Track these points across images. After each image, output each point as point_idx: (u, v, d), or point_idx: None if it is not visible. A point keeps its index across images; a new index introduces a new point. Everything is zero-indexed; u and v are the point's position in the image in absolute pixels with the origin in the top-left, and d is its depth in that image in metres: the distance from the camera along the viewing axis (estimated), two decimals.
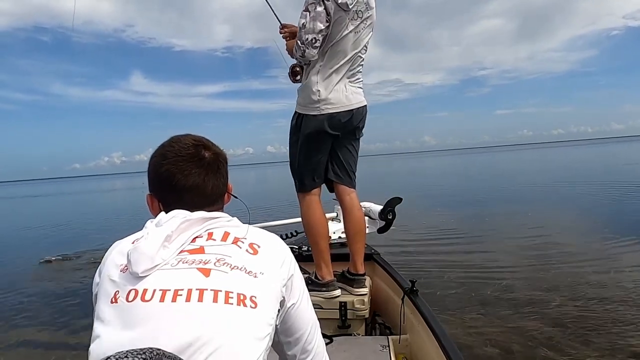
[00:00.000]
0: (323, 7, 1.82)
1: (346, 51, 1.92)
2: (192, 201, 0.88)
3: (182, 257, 0.78)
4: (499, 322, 3.55)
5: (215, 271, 0.76)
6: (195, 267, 0.76)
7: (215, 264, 0.77)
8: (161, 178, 0.89)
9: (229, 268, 0.77)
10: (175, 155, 0.88)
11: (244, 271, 0.78)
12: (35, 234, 11.53)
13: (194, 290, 0.72)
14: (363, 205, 3.33)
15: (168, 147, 0.91)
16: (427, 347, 1.76)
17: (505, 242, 6.53)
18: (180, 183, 0.87)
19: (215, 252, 0.79)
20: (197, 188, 0.88)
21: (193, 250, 0.79)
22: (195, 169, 0.88)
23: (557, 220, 8.15)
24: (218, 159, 0.93)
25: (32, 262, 7.22)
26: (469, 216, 9.30)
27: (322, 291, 1.99)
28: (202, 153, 0.90)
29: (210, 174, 0.90)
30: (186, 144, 0.90)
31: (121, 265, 0.78)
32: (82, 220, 14.39)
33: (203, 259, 0.78)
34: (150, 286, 0.73)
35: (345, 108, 1.97)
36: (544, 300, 3.96)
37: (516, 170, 27.07)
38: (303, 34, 1.85)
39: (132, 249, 0.76)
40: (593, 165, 25.06)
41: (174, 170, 0.87)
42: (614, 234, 6.35)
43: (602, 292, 4.01)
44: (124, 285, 0.75)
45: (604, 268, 4.83)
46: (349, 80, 1.99)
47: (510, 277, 4.70)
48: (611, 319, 3.42)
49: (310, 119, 1.96)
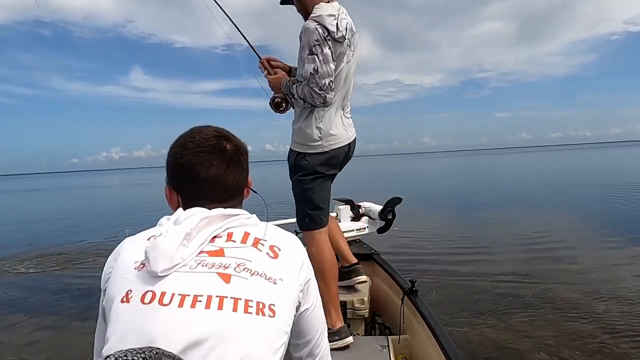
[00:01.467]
0: (328, 48, 1.75)
1: (340, 84, 1.86)
2: (213, 194, 0.85)
3: (201, 259, 0.75)
4: (499, 322, 3.57)
5: (235, 277, 0.73)
6: (215, 271, 0.73)
7: (235, 269, 0.74)
8: (181, 169, 0.85)
9: (249, 274, 0.75)
10: (197, 146, 0.85)
11: (264, 277, 0.76)
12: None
13: (213, 297, 0.70)
14: (363, 205, 3.35)
15: (188, 137, 0.87)
16: (426, 347, 1.77)
17: (504, 243, 6.54)
18: (202, 175, 0.84)
19: (236, 256, 0.77)
20: (219, 180, 0.85)
21: (213, 252, 0.76)
22: (216, 160, 0.85)
23: (556, 222, 8.16)
24: (239, 151, 0.89)
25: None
26: (469, 217, 9.34)
27: (335, 340, 1.86)
28: (223, 144, 0.87)
29: (231, 166, 0.87)
30: (207, 134, 0.87)
31: (136, 262, 0.75)
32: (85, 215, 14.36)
33: (223, 262, 0.75)
34: (168, 289, 0.70)
35: (345, 142, 1.94)
36: (544, 300, 3.98)
37: (515, 173, 27.09)
38: (319, 80, 1.75)
39: (151, 247, 0.73)
40: (598, 170, 25.08)
41: (195, 161, 0.84)
42: (611, 235, 6.38)
43: (604, 292, 4.04)
44: (140, 285, 0.72)
45: (602, 268, 4.86)
46: (343, 113, 1.95)
47: (510, 278, 4.72)
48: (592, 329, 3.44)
49: (315, 157, 1.89)
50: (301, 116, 1.90)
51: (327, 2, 1.81)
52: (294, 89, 1.85)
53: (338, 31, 1.74)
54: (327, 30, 1.73)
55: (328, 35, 1.73)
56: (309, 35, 1.74)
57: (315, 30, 1.73)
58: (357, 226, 3.21)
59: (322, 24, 1.73)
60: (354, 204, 3.35)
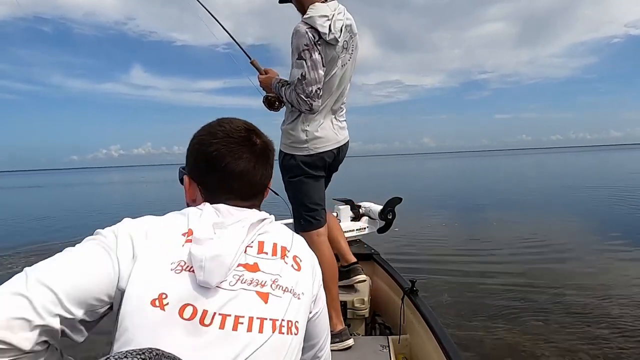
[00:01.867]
0: (318, 53, 1.69)
1: (332, 88, 1.82)
2: (240, 189, 0.82)
3: (239, 273, 0.71)
4: (499, 322, 3.57)
5: (272, 297, 0.72)
6: (254, 289, 0.71)
7: (271, 287, 0.73)
8: (209, 158, 0.80)
9: (282, 291, 0.74)
10: (227, 136, 0.81)
11: (292, 293, 0.75)
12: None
13: (254, 319, 0.68)
14: (363, 205, 3.35)
15: (217, 126, 0.83)
16: (426, 347, 1.77)
17: (506, 245, 6.54)
18: (230, 166, 0.80)
19: (270, 272, 0.75)
20: (247, 175, 0.81)
21: (250, 267, 0.73)
22: (246, 153, 0.81)
23: (558, 225, 8.17)
24: (268, 148, 0.86)
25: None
26: (469, 218, 9.34)
27: (336, 342, 1.86)
28: (253, 138, 0.83)
29: (260, 162, 0.83)
30: (238, 126, 0.83)
31: (173, 262, 0.67)
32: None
33: (260, 279, 0.72)
34: (210, 307, 0.66)
35: (334, 146, 1.90)
36: (544, 301, 3.99)
37: (516, 174, 27.12)
38: (305, 87, 1.70)
39: (209, 254, 0.67)
40: (600, 172, 25.10)
41: (225, 151, 0.80)
42: (616, 238, 6.39)
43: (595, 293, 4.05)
44: (178, 293, 0.65)
45: (609, 270, 4.87)
46: (334, 116, 1.91)
47: (509, 278, 4.72)
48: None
49: (301, 158, 1.86)
50: (289, 117, 1.88)
51: (323, 2, 1.76)
52: (283, 92, 1.82)
53: (330, 33, 1.68)
54: (318, 33, 1.67)
55: (319, 39, 1.68)
56: (298, 39, 1.68)
57: (305, 34, 1.67)
58: (357, 226, 3.21)
59: (313, 27, 1.67)
60: (354, 204, 3.35)
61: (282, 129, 1.93)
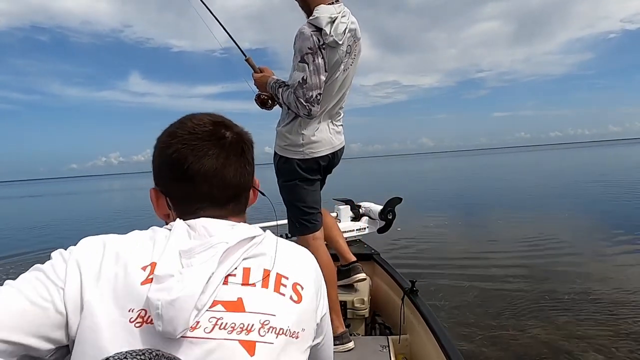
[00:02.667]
0: (321, 58, 1.65)
1: (332, 93, 1.78)
2: (211, 194, 0.68)
3: (217, 315, 0.58)
4: (499, 322, 3.56)
5: (260, 344, 0.59)
6: (237, 338, 0.57)
7: (259, 332, 0.59)
8: (169, 161, 0.68)
9: (275, 335, 0.60)
10: (188, 133, 0.68)
11: (288, 334, 0.62)
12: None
13: None
14: (363, 205, 3.35)
15: (178, 124, 0.70)
16: (427, 347, 1.76)
17: (505, 243, 6.54)
18: (194, 167, 0.66)
19: (258, 311, 0.61)
20: (216, 175, 0.67)
21: (230, 305, 0.59)
22: (213, 149, 0.68)
23: (561, 222, 8.16)
24: (242, 140, 0.72)
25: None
26: (470, 216, 9.34)
27: (337, 345, 1.83)
28: (222, 132, 0.70)
29: (232, 157, 0.69)
30: (202, 120, 0.70)
31: (133, 310, 0.55)
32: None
33: (244, 323, 0.59)
34: None
35: (329, 150, 1.87)
36: (546, 301, 3.97)
37: (515, 172, 27.14)
38: (306, 91, 1.66)
39: (167, 299, 0.53)
40: (601, 168, 25.11)
41: (186, 150, 0.67)
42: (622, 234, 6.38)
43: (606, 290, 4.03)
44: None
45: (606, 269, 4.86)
46: (331, 121, 1.88)
47: (511, 278, 4.71)
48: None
49: (296, 162, 1.83)
50: (285, 119, 1.84)
51: (329, 4, 1.72)
52: (280, 92, 1.78)
53: (330, 35, 1.66)
54: (323, 37, 1.65)
55: (323, 43, 1.66)
56: (302, 42, 1.65)
57: (309, 37, 1.64)
58: (357, 226, 3.21)
59: (318, 29, 1.65)
60: (354, 204, 3.35)
61: (277, 130, 1.89)
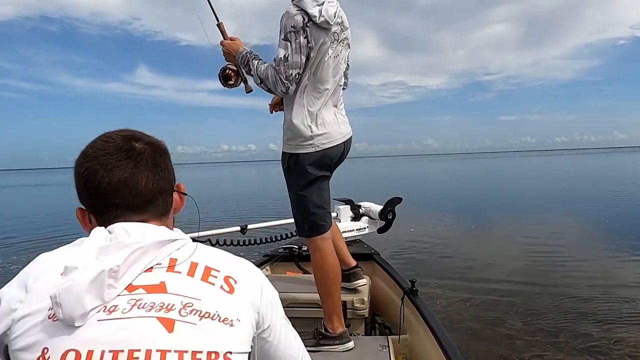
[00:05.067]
0: (304, 37, 1.65)
1: (329, 78, 1.77)
2: (124, 202, 0.72)
3: (137, 297, 0.61)
4: (499, 323, 3.55)
5: (180, 323, 0.61)
6: (156, 315, 0.60)
7: (180, 312, 0.62)
8: (83, 180, 0.72)
9: (198, 317, 0.62)
10: (98, 150, 0.73)
11: (217, 319, 0.63)
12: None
13: (153, 351, 0.58)
14: (363, 205, 3.35)
15: (89, 145, 0.75)
16: (426, 347, 1.76)
17: (505, 246, 6.52)
18: (104, 181, 0.70)
19: (181, 293, 0.63)
20: (126, 185, 0.71)
21: (151, 288, 0.63)
22: (121, 161, 0.72)
23: (567, 228, 8.12)
24: (153, 149, 0.76)
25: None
26: (471, 219, 9.31)
27: (336, 344, 1.83)
28: (131, 144, 0.74)
29: (141, 165, 0.73)
30: (111, 137, 0.74)
31: (49, 311, 0.59)
32: None
33: (165, 302, 0.62)
34: (96, 345, 0.57)
35: (340, 140, 1.83)
36: (547, 303, 3.96)
37: (521, 176, 27.06)
38: (287, 68, 1.65)
39: (61, 290, 0.58)
40: (607, 175, 24.97)
41: (96, 166, 0.71)
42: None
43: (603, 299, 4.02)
44: (58, 342, 0.57)
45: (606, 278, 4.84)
46: (336, 109, 1.85)
47: (509, 280, 4.70)
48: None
49: (307, 157, 1.77)
50: (290, 114, 1.79)
51: None
52: (254, 64, 1.73)
53: (320, 15, 1.65)
54: (308, 16, 1.65)
55: (309, 21, 1.65)
56: (287, 20, 1.66)
57: (294, 15, 1.65)
58: (357, 226, 3.21)
59: (303, 10, 1.65)
60: (354, 204, 3.35)
61: (283, 126, 1.84)
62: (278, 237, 3.19)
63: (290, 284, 2.36)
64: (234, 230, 3.00)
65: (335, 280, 1.87)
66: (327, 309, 1.88)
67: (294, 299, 2.14)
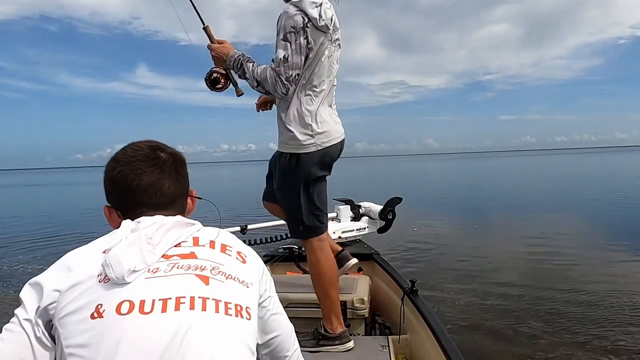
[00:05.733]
0: (304, 37, 1.64)
1: (324, 78, 1.76)
2: (150, 201, 0.85)
3: (174, 261, 0.74)
4: (499, 323, 3.55)
5: (213, 280, 0.74)
6: (193, 273, 0.73)
7: (211, 272, 0.75)
8: (115, 181, 0.85)
9: (224, 277, 0.76)
10: (129, 157, 0.86)
11: (237, 280, 0.77)
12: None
13: (196, 298, 0.70)
14: (363, 205, 3.35)
15: (120, 151, 0.89)
16: (426, 347, 1.76)
17: (506, 246, 6.52)
18: (134, 182, 0.84)
19: (208, 259, 0.77)
20: (153, 187, 0.85)
21: (185, 255, 0.76)
22: (149, 167, 0.85)
23: (568, 228, 8.11)
24: (175, 159, 0.90)
25: None
26: (469, 218, 9.30)
27: (336, 344, 1.84)
28: (157, 153, 0.88)
29: (165, 172, 0.87)
30: (140, 147, 0.89)
31: (100, 275, 0.70)
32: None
33: (198, 264, 0.75)
34: (147, 296, 0.68)
35: (338, 139, 1.83)
36: (547, 303, 3.96)
37: (521, 176, 27.05)
38: (287, 69, 1.63)
39: (110, 253, 0.70)
40: (607, 175, 24.97)
41: (127, 170, 0.84)
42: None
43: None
44: (111, 297, 0.67)
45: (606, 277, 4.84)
46: (331, 109, 1.84)
47: (509, 280, 4.69)
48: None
49: (308, 156, 1.76)
50: (289, 113, 1.75)
51: None
52: (249, 67, 1.70)
53: (320, 19, 1.64)
54: (308, 17, 1.63)
55: (308, 22, 1.63)
56: (286, 20, 1.63)
57: (293, 16, 1.62)
58: (357, 226, 3.21)
59: (303, 10, 1.63)
60: (354, 204, 3.35)
61: (280, 126, 1.80)
62: (278, 237, 3.20)
63: (290, 284, 2.37)
64: (234, 230, 3.00)
65: (332, 280, 1.88)
66: (326, 310, 1.89)
67: (294, 299, 2.14)
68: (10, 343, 0.68)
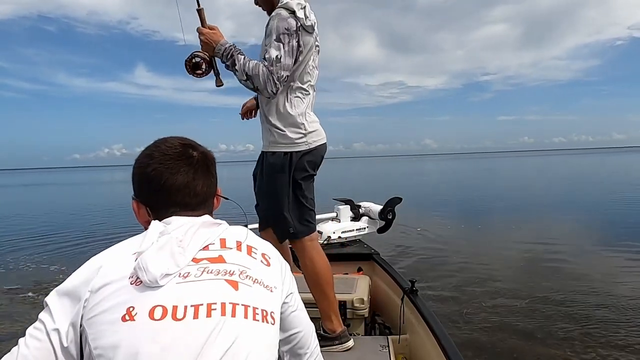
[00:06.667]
0: (297, 40, 1.65)
1: (310, 79, 1.79)
2: (183, 201, 0.85)
3: (204, 266, 0.75)
4: (499, 323, 3.56)
5: (242, 285, 0.75)
6: (223, 278, 0.74)
7: (240, 276, 0.76)
8: (148, 178, 0.84)
9: (251, 281, 0.77)
10: (163, 154, 0.85)
11: (262, 285, 0.78)
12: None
13: (227, 304, 0.71)
14: (363, 205, 3.35)
15: (154, 147, 0.87)
16: (426, 347, 1.76)
17: (506, 246, 6.53)
18: (169, 182, 0.83)
19: (236, 263, 0.78)
20: (187, 187, 0.85)
21: (213, 259, 0.77)
22: (183, 167, 0.85)
23: (566, 229, 8.12)
24: (207, 158, 0.90)
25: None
26: (468, 218, 9.31)
27: (335, 344, 1.84)
28: (190, 152, 0.87)
29: (199, 172, 0.87)
30: (173, 143, 0.87)
31: (131, 277, 0.71)
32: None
33: (227, 269, 0.76)
34: (179, 302, 0.69)
35: (324, 140, 1.85)
36: (547, 303, 3.96)
37: (518, 177, 27.08)
38: (279, 70, 1.63)
39: (143, 256, 0.71)
40: (606, 175, 25.02)
41: (162, 169, 0.83)
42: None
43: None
44: (144, 301, 0.68)
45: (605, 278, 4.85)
46: (313, 111, 1.85)
47: (509, 280, 4.70)
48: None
49: (299, 155, 1.76)
50: (278, 113, 1.74)
51: None
52: (241, 60, 1.66)
53: (307, 19, 1.67)
54: (299, 21, 1.65)
55: (300, 25, 1.66)
56: (280, 21, 1.64)
57: (286, 18, 1.64)
58: (357, 226, 3.21)
59: (294, 13, 1.65)
60: (354, 204, 3.36)
61: (269, 126, 1.78)
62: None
63: None
64: None
65: (328, 280, 1.87)
66: (324, 310, 1.87)
67: None
68: (35, 351, 0.68)
